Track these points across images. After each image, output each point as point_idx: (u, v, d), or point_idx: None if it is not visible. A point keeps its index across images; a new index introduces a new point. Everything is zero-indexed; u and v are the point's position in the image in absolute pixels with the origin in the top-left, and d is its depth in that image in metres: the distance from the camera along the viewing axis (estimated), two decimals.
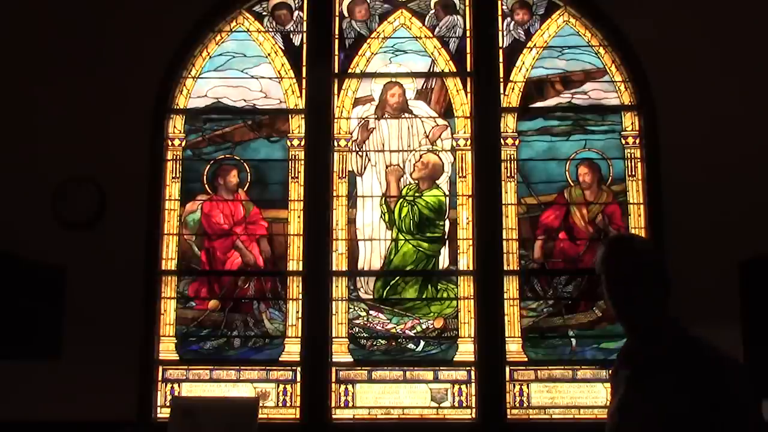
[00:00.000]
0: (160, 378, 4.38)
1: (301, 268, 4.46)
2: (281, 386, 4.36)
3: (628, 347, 1.97)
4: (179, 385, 4.38)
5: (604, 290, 1.94)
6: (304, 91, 4.65)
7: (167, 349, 4.42)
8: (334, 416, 4.33)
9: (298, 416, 4.31)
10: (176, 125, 4.65)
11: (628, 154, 4.55)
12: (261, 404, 4.17)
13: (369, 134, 4.66)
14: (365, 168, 4.63)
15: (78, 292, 4.30)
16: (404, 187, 4.60)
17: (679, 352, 1.81)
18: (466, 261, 4.48)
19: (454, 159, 4.60)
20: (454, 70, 4.68)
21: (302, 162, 4.57)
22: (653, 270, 1.89)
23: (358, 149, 4.64)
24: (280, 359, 4.40)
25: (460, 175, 4.57)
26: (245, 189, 4.60)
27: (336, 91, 4.67)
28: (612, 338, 4.36)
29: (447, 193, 4.57)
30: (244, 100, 4.68)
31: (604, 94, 4.62)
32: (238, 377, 4.37)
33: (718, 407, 1.69)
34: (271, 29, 4.76)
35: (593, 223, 4.51)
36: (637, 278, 1.87)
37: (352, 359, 4.41)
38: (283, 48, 4.73)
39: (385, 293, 4.50)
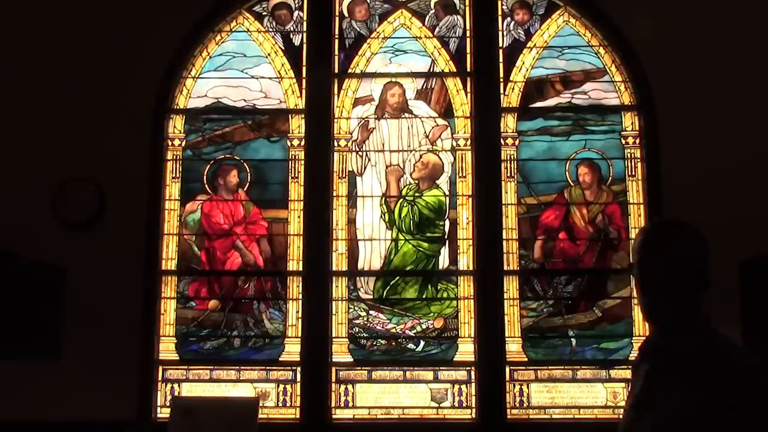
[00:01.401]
0: (160, 378, 4.38)
1: (301, 268, 4.46)
2: (281, 386, 4.36)
3: (652, 341, 1.86)
4: (179, 385, 4.38)
5: (636, 279, 1.82)
6: (304, 91, 4.65)
7: (167, 349, 4.42)
8: (334, 416, 4.33)
9: (298, 416, 4.31)
10: (176, 125, 4.65)
11: (628, 154, 4.55)
12: (261, 404, 4.17)
13: (369, 134, 4.66)
14: (365, 168, 4.63)
15: (78, 292, 4.30)
16: (404, 187, 4.60)
17: (702, 352, 1.72)
18: (466, 261, 4.48)
19: (454, 159, 4.60)
20: (454, 70, 4.68)
21: (302, 162, 4.57)
22: (691, 265, 1.77)
23: (358, 149, 4.64)
24: (280, 359, 4.40)
25: (460, 175, 4.57)
26: (245, 189, 4.60)
27: (336, 91, 4.67)
28: (612, 338, 4.38)
29: (447, 193, 4.57)
30: (244, 100, 4.68)
31: (604, 94, 4.62)
32: (238, 377, 4.37)
33: (738, 408, 1.61)
34: (271, 29, 4.76)
35: (593, 223, 4.51)
36: (672, 272, 1.76)
37: (352, 359, 4.41)
38: (283, 48, 4.72)
39: (385, 293, 4.50)
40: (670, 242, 1.81)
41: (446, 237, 4.54)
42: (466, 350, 4.40)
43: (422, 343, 4.44)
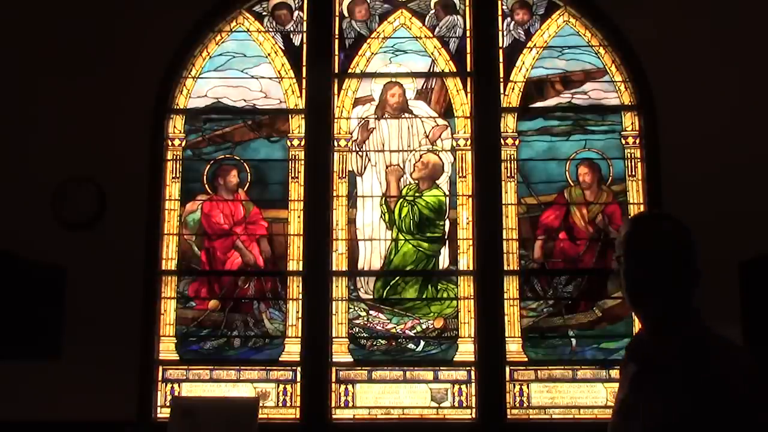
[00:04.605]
0: (160, 378, 4.38)
1: (301, 268, 4.46)
2: (281, 386, 4.36)
3: (639, 339, 1.82)
4: (179, 385, 4.38)
5: (621, 274, 1.76)
6: (304, 91, 4.65)
7: (167, 349, 4.42)
8: (334, 416, 4.33)
9: (298, 416, 4.31)
10: (176, 125, 4.65)
11: (628, 154, 4.55)
12: (261, 404, 4.17)
13: (369, 134, 4.66)
14: (365, 168, 4.63)
15: (78, 292, 4.30)
16: (404, 187, 4.60)
17: (689, 351, 1.66)
18: (466, 261, 4.48)
19: (454, 159, 4.60)
20: (454, 70, 4.68)
21: (302, 162, 4.57)
22: (676, 256, 1.71)
23: (358, 149, 4.64)
24: (280, 359, 4.40)
25: (460, 175, 4.57)
26: (245, 189, 4.59)
27: (336, 91, 4.67)
28: (612, 338, 4.37)
29: (447, 193, 4.57)
30: (244, 100, 4.68)
31: (604, 94, 4.62)
32: (238, 377, 4.37)
33: (724, 409, 1.57)
34: (271, 29, 4.76)
35: (593, 223, 4.51)
36: (658, 265, 1.70)
37: (352, 359, 4.41)
38: (283, 48, 4.72)
39: (385, 293, 4.50)
40: (653, 235, 1.76)
41: (446, 237, 4.54)
42: (466, 350, 4.40)
43: (422, 343, 4.44)
